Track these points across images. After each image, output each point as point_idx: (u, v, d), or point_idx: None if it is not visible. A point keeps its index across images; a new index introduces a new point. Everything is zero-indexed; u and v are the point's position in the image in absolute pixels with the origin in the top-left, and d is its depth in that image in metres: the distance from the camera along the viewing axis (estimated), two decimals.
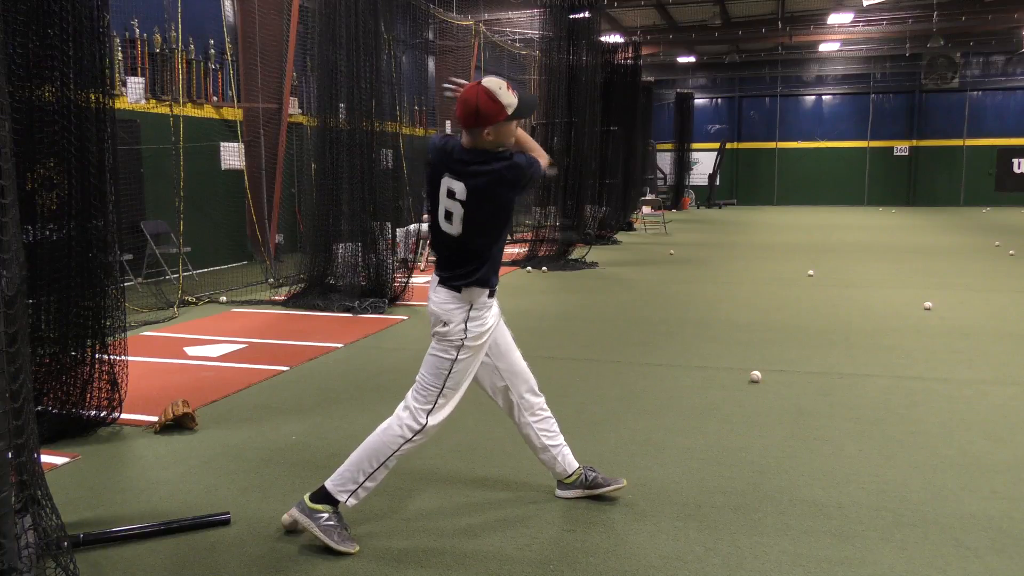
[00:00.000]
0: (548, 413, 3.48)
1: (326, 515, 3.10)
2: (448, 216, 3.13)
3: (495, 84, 3.05)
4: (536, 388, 3.45)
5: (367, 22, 8.26)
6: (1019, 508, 3.44)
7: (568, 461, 3.51)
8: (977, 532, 3.23)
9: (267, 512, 3.44)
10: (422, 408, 3.18)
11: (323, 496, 3.13)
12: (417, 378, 3.25)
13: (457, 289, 3.14)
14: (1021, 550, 3.07)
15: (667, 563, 3.00)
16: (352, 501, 3.13)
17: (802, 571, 2.93)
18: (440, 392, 3.18)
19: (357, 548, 3.09)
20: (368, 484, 3.13)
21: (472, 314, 3.15)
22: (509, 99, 3.04)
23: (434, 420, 3.18)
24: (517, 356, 3.43)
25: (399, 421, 3.18)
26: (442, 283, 3.19)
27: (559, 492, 3.56)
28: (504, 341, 3.39)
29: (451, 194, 3.10)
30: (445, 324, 3.15)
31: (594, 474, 3.54)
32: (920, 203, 28.28)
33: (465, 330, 3.14)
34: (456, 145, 3.15)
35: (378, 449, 3.14)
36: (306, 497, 3.15)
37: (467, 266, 3.14)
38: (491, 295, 3.21)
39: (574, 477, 3.52)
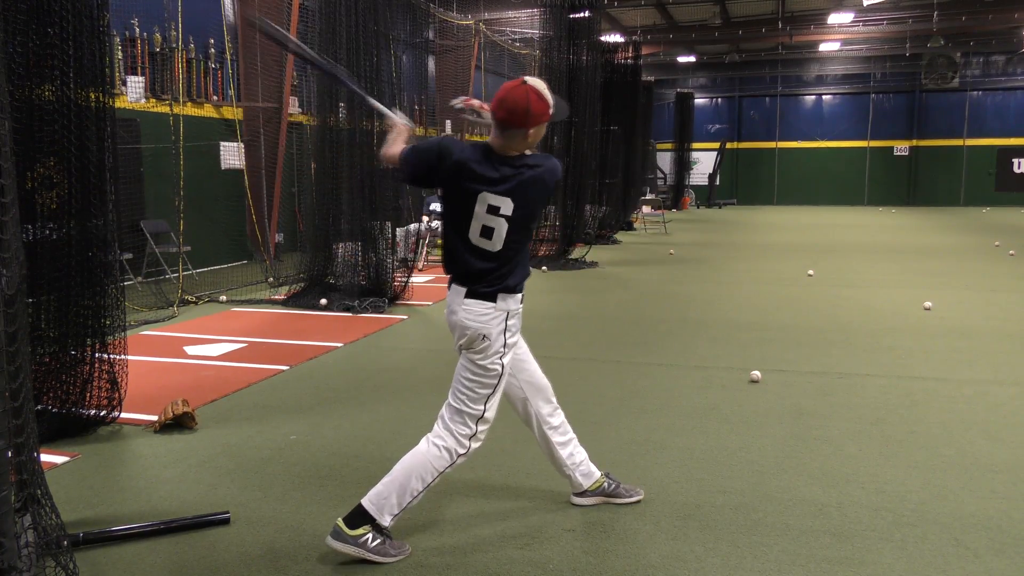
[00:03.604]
0: (566, 428, 3.38)
1: (369, 536, 2.95)
2: (487, 232, 2.95)
3: (541, 84, 2.95)
4: (553, 398, 3.35)
5: (367, 22, 8.26)
6: (1018, 508, 3.44)
7: (588, 473, 3.42)
8: (976, 532, 3.23)
9: (267, 512, 3.44)
10: (465, 433, 3.03)
11: (359, 516, 2.96)
12: (453, 403, 3.05)
13: (491, 298, 2.97)
14: (1020, 550, 3.08)
15: (667, 563, 3.00)
16: (392, 522, 3.01)
17: (802, 571, 2.93)
18: (481, 417, 3.04)
19: (408, 549, 3.04)
20: (412, 504, 3.02)
21: (509, 323, 3.01)
22: (552, 100, 2.96)
23: (477, 444, 3.08)
24: (535, 366, 3.31)
25: (443, 444, 3.01)
26: (471, 294, 2.98)
27: (575, 500, 3.48)
28: (522, 350, 3.27)
29: (493, 210, 2.92)
30: (485, 339, 2.97)
31: (614, 484, 3.48)
32: (920, 203, 28.29)
33: (505, 343, 3.01)
34: (485, 155, 2.95)
35: (421, 469, 2.99)
36: (340, 522, 2.97)
37: (500, 271, 2.98)
38: (522, 298, 3.08)
39: (595, 486, 3.45)
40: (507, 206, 2.92)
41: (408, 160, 3.03)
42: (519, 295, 3.05)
